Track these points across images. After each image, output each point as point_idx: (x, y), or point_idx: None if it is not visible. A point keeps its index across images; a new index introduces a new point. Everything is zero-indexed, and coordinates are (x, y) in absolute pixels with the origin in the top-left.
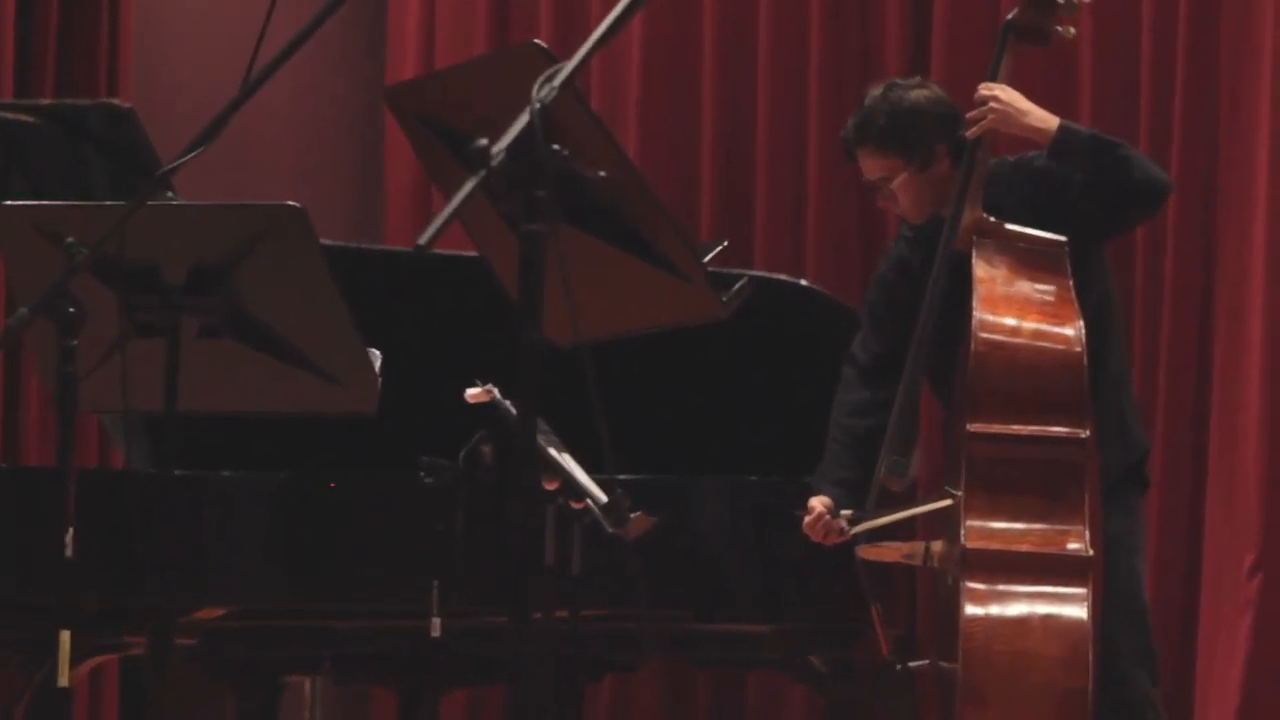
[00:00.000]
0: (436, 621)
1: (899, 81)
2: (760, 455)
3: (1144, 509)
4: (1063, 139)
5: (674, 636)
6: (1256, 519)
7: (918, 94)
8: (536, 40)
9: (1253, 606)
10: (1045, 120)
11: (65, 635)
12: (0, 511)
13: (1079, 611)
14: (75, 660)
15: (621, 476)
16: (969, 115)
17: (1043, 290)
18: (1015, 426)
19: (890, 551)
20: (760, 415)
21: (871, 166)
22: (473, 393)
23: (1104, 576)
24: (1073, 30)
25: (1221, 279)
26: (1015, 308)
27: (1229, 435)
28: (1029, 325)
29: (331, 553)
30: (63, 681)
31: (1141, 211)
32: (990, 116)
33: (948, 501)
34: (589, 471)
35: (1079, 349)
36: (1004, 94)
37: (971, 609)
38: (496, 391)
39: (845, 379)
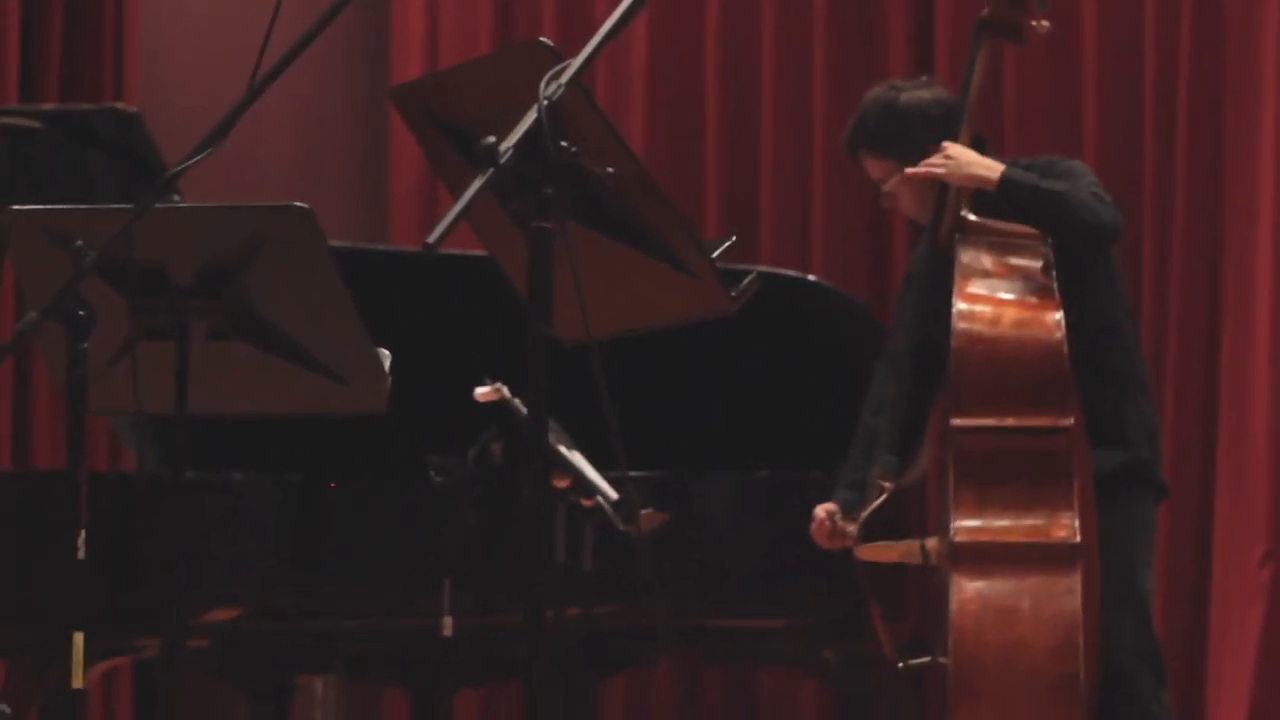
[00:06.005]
0: (448, 620)
1: (898, 83)
2: (768, 450)
3: (1153, 513)
4: (1004, 192)
5: (687, 632)
6: (1266, 509)
7: (912, 95)
8: (542, 38)
9: (1264, 596)
10: (990, 169)
11: (78, 637)
12: (11, 515)
13: (1069, 599)
14: (88, 663)
15: (631, 473)
16: (921, 166)
17: (1020, 281)
18: (998, 419)
19: (888, 551)
20: (768, 410)
21: (869, 168)
22: (482, 391)
23: (1101, 571)
24: (1045, 24)
25: (1228, 273)
26: (993, 301)
27: (1238, 427)
28: (1007, 317)
29: (343, 553)
30: (77, 684)
31: (1085, 254)
32: (936, 169)
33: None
34: (599, 468)
35: (1058, 337)
36: (952, 149)
37: (961, 602)
38: (505, 390)
39: (875, 375)
